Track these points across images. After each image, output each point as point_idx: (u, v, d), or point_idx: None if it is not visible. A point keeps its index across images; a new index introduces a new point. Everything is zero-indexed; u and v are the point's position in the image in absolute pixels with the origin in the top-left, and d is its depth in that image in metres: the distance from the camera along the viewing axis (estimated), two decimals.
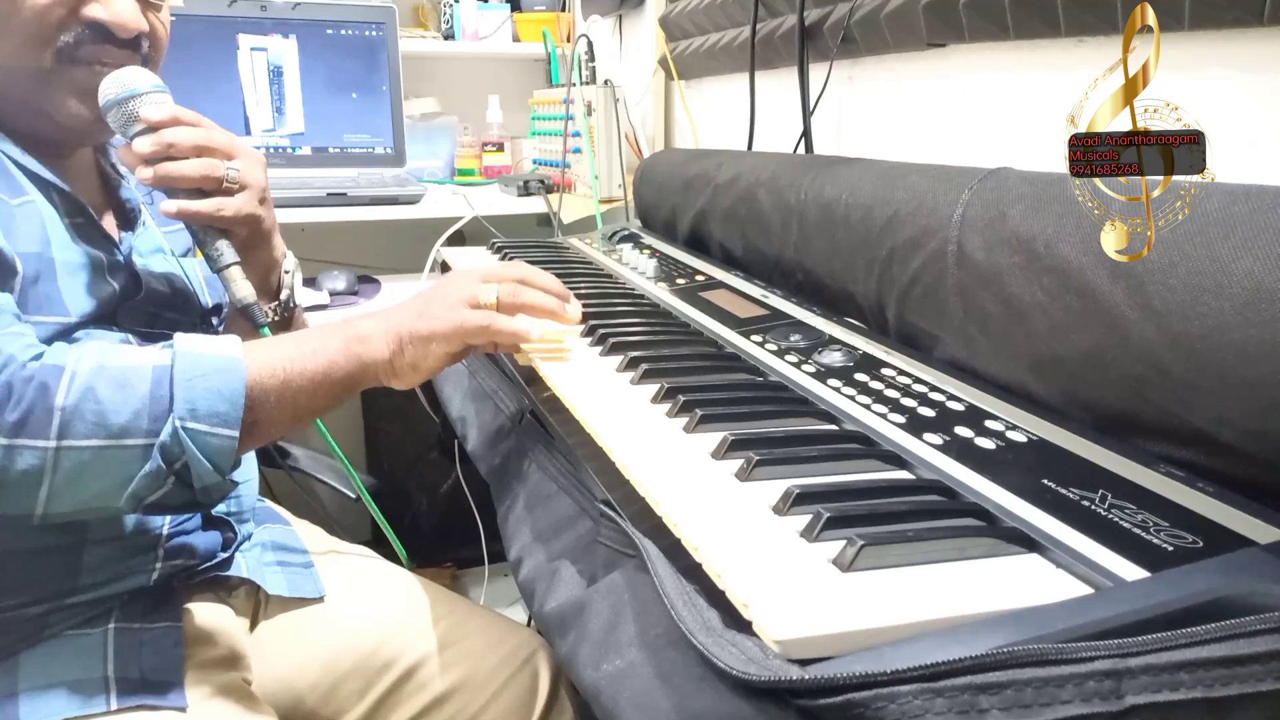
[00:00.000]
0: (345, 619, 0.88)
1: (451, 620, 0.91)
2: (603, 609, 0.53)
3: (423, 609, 0.91)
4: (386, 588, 0.93)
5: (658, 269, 1.11)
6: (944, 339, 0.76)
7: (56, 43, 0.71)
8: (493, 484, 0.81)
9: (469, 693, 0.87)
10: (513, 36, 2.12)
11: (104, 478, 0.60)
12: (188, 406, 0.61)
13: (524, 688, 0.89)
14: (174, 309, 0.83)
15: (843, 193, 0.90)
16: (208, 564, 0.81)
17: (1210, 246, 0.53)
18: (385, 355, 0.70)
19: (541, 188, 1.71)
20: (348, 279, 1.59)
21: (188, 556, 0.79)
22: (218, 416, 0.62)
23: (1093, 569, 0.45)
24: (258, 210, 0.80)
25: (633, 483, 0.56)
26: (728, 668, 0.40)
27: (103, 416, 0.59)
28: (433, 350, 0.71)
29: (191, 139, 0.75)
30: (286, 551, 0.90)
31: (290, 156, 1.75)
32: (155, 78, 0.75)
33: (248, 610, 0.85)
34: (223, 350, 0.65)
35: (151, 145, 0.73)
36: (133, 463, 0.60)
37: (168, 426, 0.60)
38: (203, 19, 1.66)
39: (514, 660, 0.90)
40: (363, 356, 0.69)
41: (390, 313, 0.73)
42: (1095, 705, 0.37)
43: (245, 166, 0.78)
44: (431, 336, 0.71)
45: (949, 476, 0.56)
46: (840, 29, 1.12)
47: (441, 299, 0.73)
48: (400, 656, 0.87)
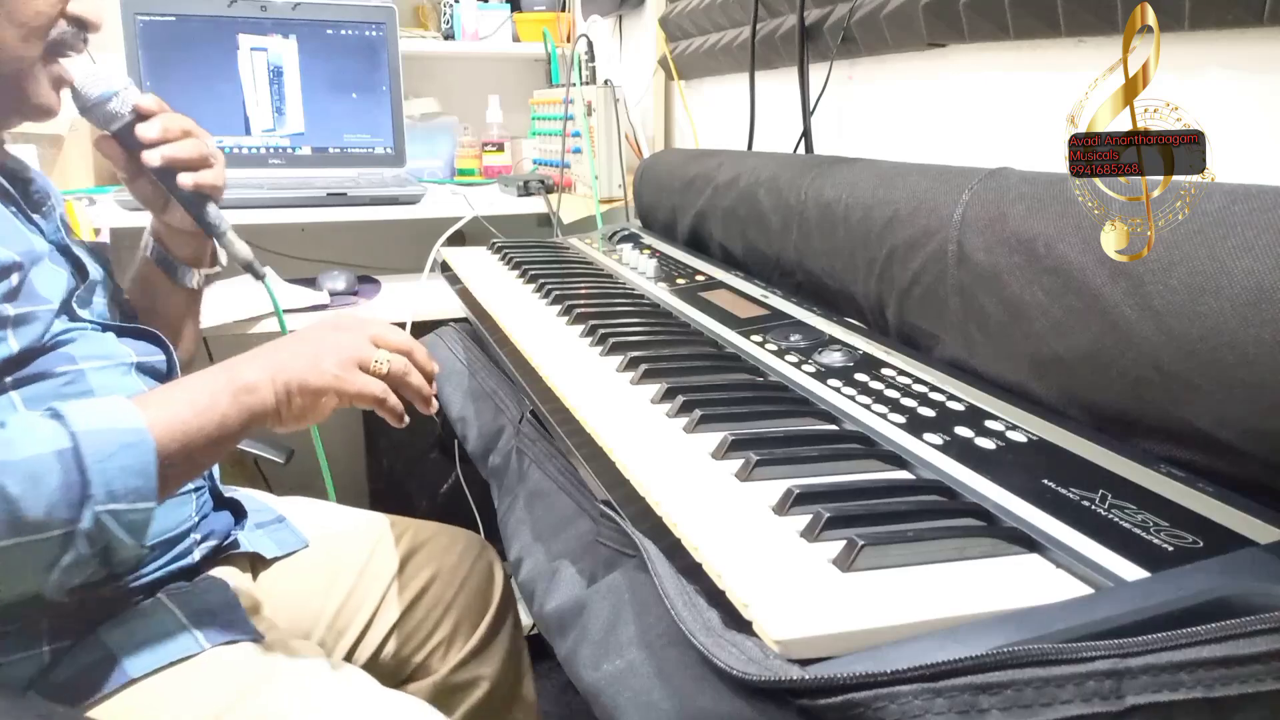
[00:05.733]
0: (325, 559, 0.97)
1: (411, 534, 1.03)
2: (603, 609, 0.53)
3: (384, 531, 1.02)
4: (345, 521, 1.03)
5: (658, 269, 1.11)
6: (944, 339, 0.76)
7: (49, 35, 0.74)
8: (493, 484, 0.81)
9: (441, 584, 1.00)
10: (513, 36, 2.12)
11: (26, 570, 0.59)
12: (105, 490, 0.60)
13: (483, 574, 1.04)
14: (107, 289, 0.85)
15: (843, 193, 0.90)
16: (225, 541, 0.89)
17: (1210, 246, 0.53)
18: (272, 404, 0.70)
19: (541, 188, 1.71)
20: (348, 279, 1.59)
21: (218, 536, 0.87)
22: (135, 493, 0.61)
23: (1093, 569, 0.45)
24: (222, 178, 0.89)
25: (633, 483, 0.56)
26: (728, 668, 0.40)
27: (15, 515, 0.57)
28: (324, 404, 0.72)
29: (180, 123, 0.84)
30: (258, 513, 0.96)
31: (290, 156, 1.75)
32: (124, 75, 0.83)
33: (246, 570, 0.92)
34: (123, 422, 0.63)
35: (157, 131, 0.81)
36: (53, 552, 0.59)
37: (88, 513, 0.59)
38: (203, 19, 1.66)
39: (470, 554, 1.04)
40: (251, 407, 0.69)
41: (276, 355, 0.72)
42: (1095, 705, 0.37)
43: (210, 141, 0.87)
44: (323, 391, 0.71)
45: (949, 476, 0.56)
46: (840, 29, 1.12)
47: (333, 352, 0.72)
48: (379, 575, 0.98)
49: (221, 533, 0.88)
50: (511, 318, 0.92)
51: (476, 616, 1.02)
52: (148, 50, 1.65)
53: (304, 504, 1.05)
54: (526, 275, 1.09)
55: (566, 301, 0.95)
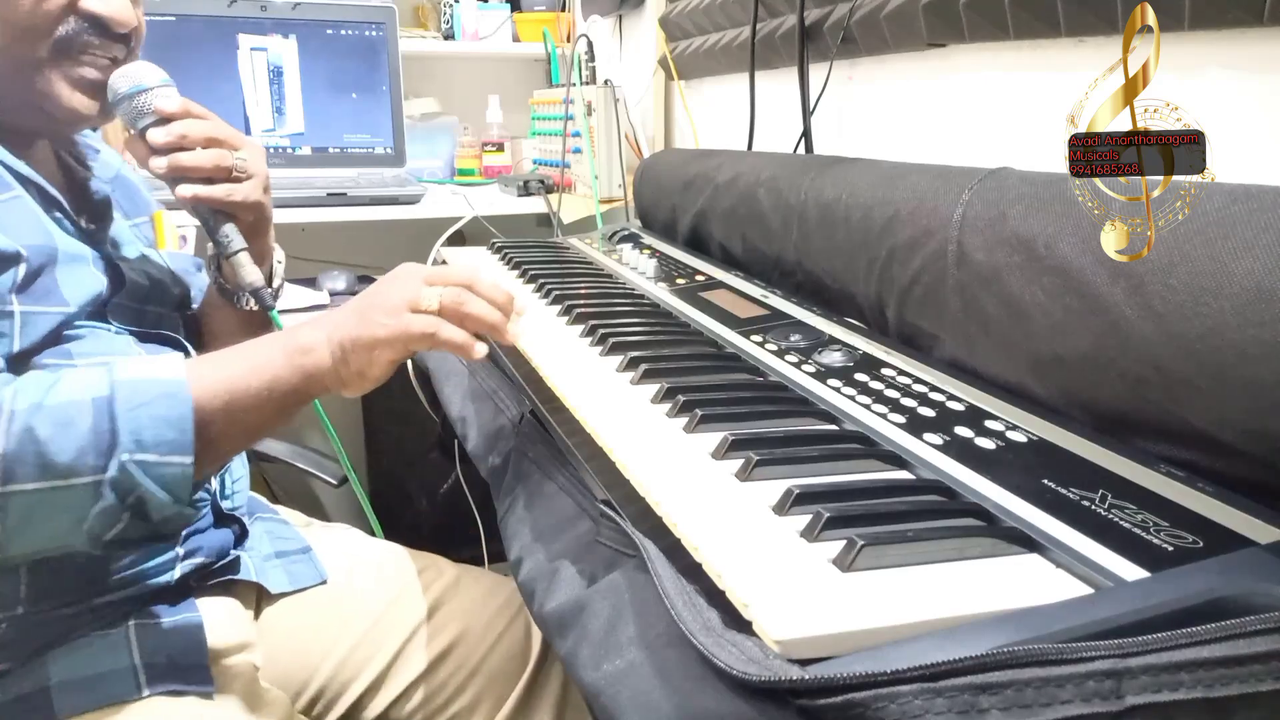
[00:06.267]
0: (344, 596, 0.90)
1: (442, 582, 0.95)
2: (603, 609, 0.53)
3: (413, 576, 0.94)
4: (376, 561, 0.96)
5: (658, 269, 1.11)
6: (944, 339, 0.76)
7: (54, 35, 0.71)
8: (493, 484, 0.81)
9: (468, 645, 0.90)
10: (513, 36, 2.12)
11: (56, 519, 0.58)
12: (133, 438, 0.58)
13: (519, 634, 0.92)
14: (153, 301, 0.83)
15: (843, 193, 0.89)
16: (220, 563, 0.83)
17: (1210, 246, 0.53)
18: (329, 364, 0.67)
19: (541, 188, 1.71)
20: (348, 279, 1.59)
21: (206, 555, 0.81)
22: (167, 445, 0.59)
23: (1093, 569, 0.45)
24: (262, 198, 0.83)
25: (633, 483, 0.56)
26: (728, 668, 0.40)
27: (45, 458, 0.56)
28: (377, 357, 0.67)
29: (202, 130, 0.77)
30: (283, 541, 0.92)
31: (290, 156, 1.75)
32: (163, 73, 0.78)
33: (251, 602, 0.87)
34: (164, 373, 0.62)
35: (166, 136, 0.76)
36: (84, 501, 0.58)
37: (114, 461, 0.58)
38: (203, 19, 1.66)
39: (507, 611, 0.93)
40: (306, 368, 0.67)
41: (330, 318, 0.70)
42: (1095, 705, 0.37)
43: (251, 156, 0.81)
44: (374, 343, 0.67)
45: (949, 476, 0.56)
46: (840, 29, 1.12)
47: (382, 303, 0.69)
48: (399, 623, 0.90)
49: (213, 551, 0.82)
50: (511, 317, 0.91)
51: (509, 681, 0.90)
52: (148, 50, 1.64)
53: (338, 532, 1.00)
54: (526, 275, 1.09)
55: (566, 301, 0.95)
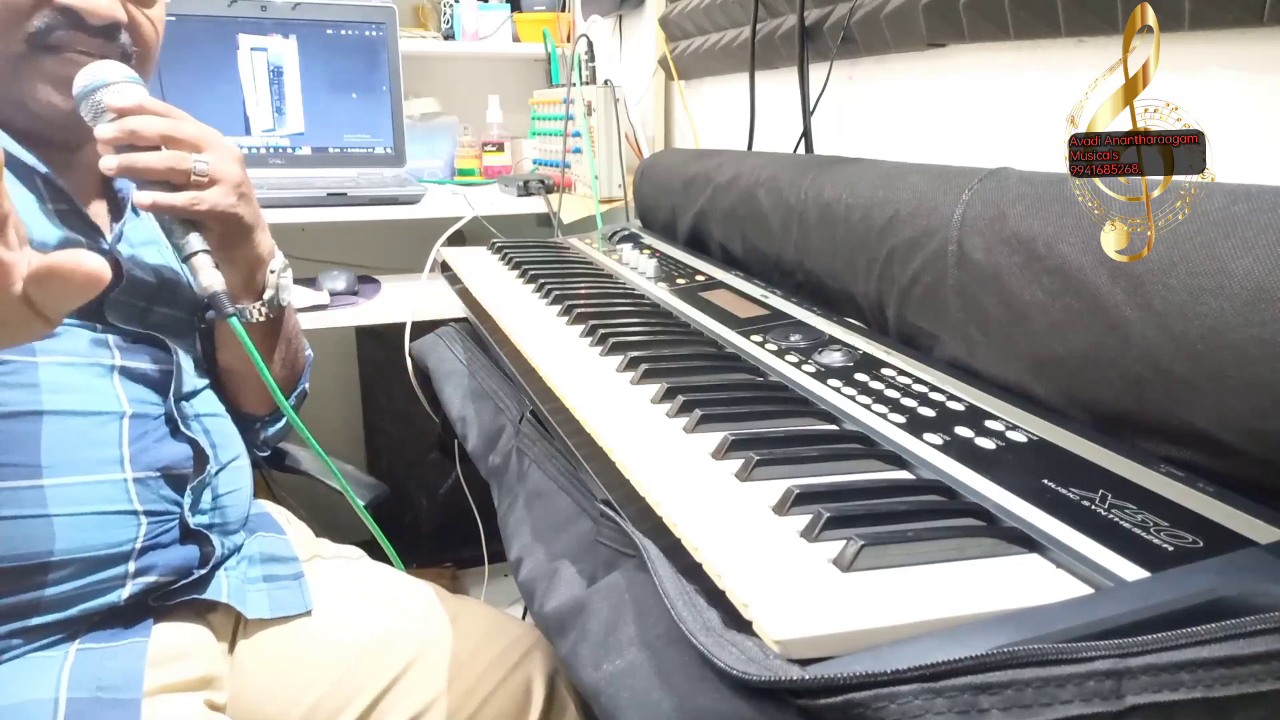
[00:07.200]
0: (330, 630, 0.84)
1: (440, 623, 0.87)
2: (603, 609, 0.53)
3: (410, 613, 0.88)
4: (374, 593, 0.90)
5: (658, 269, 1.11)
6: (944, 339, 0.76)
7: (28, 28, 0.70)
8: (493, 484, 0.81)
9: (456, 696, 0.83)
10: (513, 36, 2.12)
11: None
12: None
13: (517, 689, 0.84)
14: (163, 303, 0.81)
15: (843, 193, 0.89)
16: (184, 581, 0.77)
17: (1210, 246, 0.53)
18: None
19: (541, 188, 1.71)
20: (348, 279, 1.59)
21: (162, 573, 0.75)
22: None
23: (1093, 569, 0.45)
24: (234, 207, 0.77)
25: (633, 483, 0.56)
26: (728, 668, 0.40)
27: None
28: None
29: (156, 128, 0.72)
30: (276, 563, 0.87)
31: (290, 156, 1.75)
32: (129, 71, 0.74)
33: (227, 628, 0.81)
34: None
35: (114, 131, 0.71)
36: None
37: None
38: (203, 19, 1.66)
39: (506, 662, 0.85)
40: None
41: None
42: (1095, 705, 0.37)
43: (216, 160, 0.75)
44: None
45: (949, 476, 0.56)
46: (840, 29, 1.12)
47: None
48: (385, 666, 0.83)
49: (170, 569, 0.75)
50: (511, 317, 0.91)
51: None
52: None
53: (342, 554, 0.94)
54: (526, 275, 1.09)
55: (566, 301, 0.95)
